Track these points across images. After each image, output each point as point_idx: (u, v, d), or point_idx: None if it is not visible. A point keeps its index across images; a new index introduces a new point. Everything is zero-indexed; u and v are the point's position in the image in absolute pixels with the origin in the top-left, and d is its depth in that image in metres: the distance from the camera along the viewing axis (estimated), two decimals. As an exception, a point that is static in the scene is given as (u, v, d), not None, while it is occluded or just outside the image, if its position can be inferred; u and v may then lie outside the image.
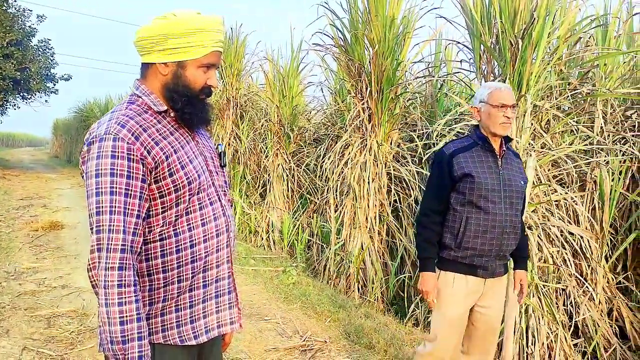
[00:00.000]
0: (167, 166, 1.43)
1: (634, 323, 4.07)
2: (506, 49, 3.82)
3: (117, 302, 1.32)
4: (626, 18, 4.34)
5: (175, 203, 1.46)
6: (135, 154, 1.38)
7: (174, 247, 1.46)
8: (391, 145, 5.33)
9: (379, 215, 5.24)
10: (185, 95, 1.49)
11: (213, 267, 1.54)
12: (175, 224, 1.46)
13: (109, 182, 1.35)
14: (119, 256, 1.34)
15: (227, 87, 8.74)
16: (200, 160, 1.55)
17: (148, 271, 1.46)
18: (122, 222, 1.35)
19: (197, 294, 1.52)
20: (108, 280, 1.33)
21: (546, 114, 4.05)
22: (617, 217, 4.25)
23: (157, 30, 1.46)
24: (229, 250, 1.60)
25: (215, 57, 1.51)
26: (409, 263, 5.16)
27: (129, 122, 1.42)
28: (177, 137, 1.51)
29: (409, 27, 5.20)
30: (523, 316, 3.54)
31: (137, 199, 1.38)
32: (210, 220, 1.52)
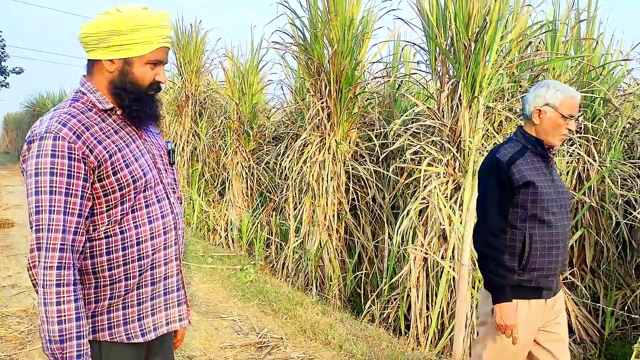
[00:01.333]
0: (110, 165, 1.41)
1: (579, 317, 4.25)
2: (460, 51, 3.92)
3: (55, 301, 1.31)
4: (574, 24, 4.51)
5: (121, 201, 1.45)
6: (77, 152, 1.36)
7: (119, 245, 1.45)
8: (350, 144, 5.39)
9: (338, 213, 5.30)
10: (133, 92, 1.47)
11: (161, 264, 1.54)
12: (121, 222, 1.45)
13: (49, 181, 1.33)
14: (57, 255, 1.32)
15: (186, 84, 8.64)
16: (148, 158, 1.54)
17: (93, 269, 1.44)
18: (61, 221, 1.33)
19: (145, 292, 1.52)
20: (47, 279, 1.32)
21: (498, 115, 4.17)
22: (564, 215, 4.42)
23: (101, 27, 1.44)
24: (177, 247, 1.59)
25: (162, 53, 1.50)
26: (366, 260, 5.24)
27: (71, 120, 1.40)
28: (123, 136, 1.49)
29: (368, 27, 5.27)
30: (474, 311, 3.64)
31: (78, 197, 1.36)
32: (158, 218, 1.52)
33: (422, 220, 4.06)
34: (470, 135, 3.89)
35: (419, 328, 3.88)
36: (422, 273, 3.97)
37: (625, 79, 5.03)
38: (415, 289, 3.95)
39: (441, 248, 3.89)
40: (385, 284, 4.39)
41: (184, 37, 8.69)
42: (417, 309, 3.91)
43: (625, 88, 5.04)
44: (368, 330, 3.90)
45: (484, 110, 3.92)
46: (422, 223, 4.05)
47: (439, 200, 3.82)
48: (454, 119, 4.03)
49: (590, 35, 4.52)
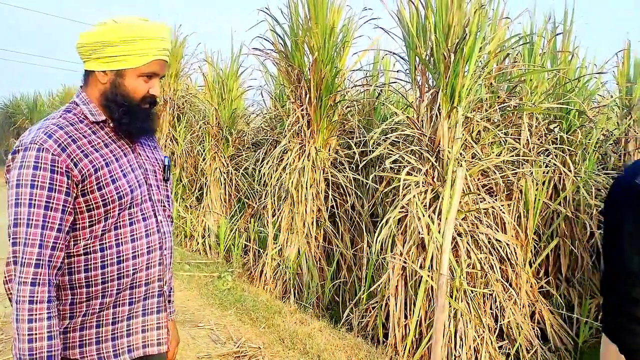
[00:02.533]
0: (95, 180, 1.37)
1: (554, 325, 4.30)
2: (440, 61, 3.95)
3: (27, 319, 1.26)
4: (550, 37, 4.60)
5: (104, 217, 1.40)
6: (60, 165, 1.32)
7: (99, 263, 1.40)
8: (329, 152, 5.39)
9: (316, 220, 5.28)
10: (123, 105, 1.43)
11: (142, 284, 1.48)
12: (102, 238, 1.40)
13: (29, 193, 1.30)
14: (32, 271, 1.28)
15: (164, 88, 8.56)
16: (138, 174, 1.49)
17: (70, 284, 1.39)
18: (39, 236, 1.29)
19: (122, 311, 1.46)
20: (20, 295, 1.27)
21: (477, 125, 4.22)
22: (540, 224, 4.49)
23: (95, 37, 1.41)
24: (162, 268, 1.54)
25: (157, 66, 1.46)
26: (345, 268, 5.23)
27: (57, 132, 1.36)
28: (113, 150, 1.45)
29: (349, 36, 5.29)
30: (452, 320, 3.66)
31: (58, 212, 1.32)
32: (142, 236, 1.46)
33: (401, 229, 4.07)
34: (449, 145, 3.92)
35: (397, 337, 3.88)
36: (401, 282, 3.98)
37: (599, 91, 5.13)
38: (394, 297, 3.95)
39: (420, 257, 3.90)
40: (363, 292, 4.38)
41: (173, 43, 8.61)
42: (396, 318, 3.92)
43: (599, 100, 5.15)
44: (346, 339, 3.89)
45: (462, 120, 3.96)
46: (401, 232, 4.06)
47: (418, 209, 3.84)
48: (433, 129, 4.06)
49: (566, 48, 4.60)
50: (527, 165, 4.31)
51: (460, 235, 3.84)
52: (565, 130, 4.58)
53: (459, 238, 3.81)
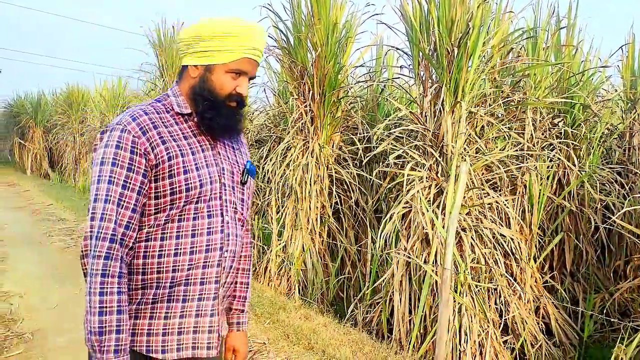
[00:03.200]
0: (167, 167, 1.39)
1: (558, 320, 4.30)
2: (443, 56, 3.94)
3: (99, 292, 1.29)
4: (554, 31, 4.58)
5: (170, 207, 1.41)
6: (139, 147, 1.37)
7: (156, 251, 1.41)
8: (333, 148, 5.39)
9: (320, 217, 5.29)
10: (208, 99, 1.45)
11: (197, 283, 1.45)
12: (164, 227, 1.41)
13: (109, 171, 1.34)
14: (107, 245, 1.31)
15: (168, 86, 8.56)
16: (213, 170, 1.48)
17: (129, 269, 1.41)
18: (114, 213, 1.33)
19: (175, 307, 1.44)
20: (93, 268, 1.30)
21: (480, 120, 4.21)
22: (544, 219, 4.48)
23: (191, 32, 1.45)
24: (220, 270, 1.49)
25: (246, 65, 1.46)
26: (349, 264, 5.23)
27: (142, 117, 1.41)
28: (191, 143, 1.47)
29: (351, 31, 5.28)
30: (456, 315, 3.66)
31: (134, 192, 1.36)
32: (203, 233, 1.45)
33: (405, 224, 4.07)
34: (452, 140, 3.92)
35: (401, 332, 3.89)
36: (405, 277, 3.98)
37: (604, 85, 5.12)
38: (398, 293, 3.96)
39: (424, 252, 3.90)
40: (368, 287, 4.39)
41: (165, 38, 8.63)
42: (400, 313, 3.92)
43: (603, 94, 5.13)
44: (351, 334, 3.90)
45: (466, 115, 3.95)
46: (405, 227, 4.06)
47: (422, 205, 3.84)
48: (437, 124, 4.05)
49: (570, 42, 4.59)
50: (531, 159, 4.30)
51: (464, 230, 3.84)
52: (570, 124, 4.57)
53: (463, 233, 3.81)
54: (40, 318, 4.14)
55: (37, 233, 7.64)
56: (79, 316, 4.22)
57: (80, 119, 14.46)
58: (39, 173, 17.93)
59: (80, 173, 13.51)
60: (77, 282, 5.19)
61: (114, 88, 12.22)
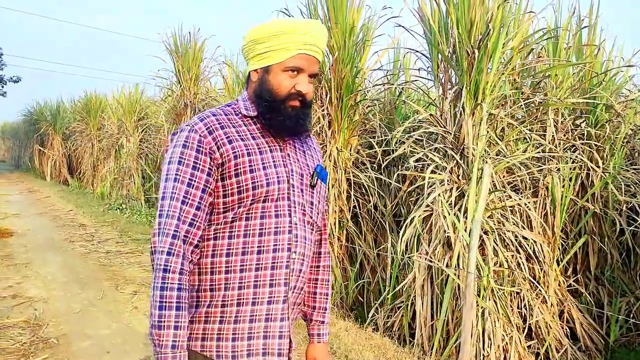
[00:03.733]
0: (233, 166, 1.40)
1: (583, 324, 4.23)
2: (463, 58, 3.91)
3: (160, 286, 1.31)
4: (575, 31, 4.52)
5: (237, 205, 1.41)
6: (205, 147, 1.39)
7: (225, 249, 1.41)
8: (351, 152, 5.37)
9: (339, 221, 5.27)
10: (267, 100, 1.45)
11: (265, 285, 1.42)
12: (232, 226, 1.41)
13: (175, 169, 1.37)
14: (169, 241, 1.33)
15: (185, 92, 8.63)
16: (280, 171, 1.46)
17: (198, 269, 1.42)
18: (178, 210, 1.35)
19: (244, 311, 1.41)
20: (157, 263, 1.32)
21: (501, 122, 4.17)
22: (567, 222, 4.41)
23: (249, 37, 1.47)
24: (289, 272, 1.45)
25: (302, 60, 1.44)
26: (368, 268, 5.20)
27: (209, 117, 1.44)
28: (259, 143, 1.47)
29: (369, 35, 5.26)
30: (479, 319, 3.62)
31: (199, 190, 1.37)
32: (270, 232, 1.43)
33: (426, 228, 4.04)
34: (473, 142, 3.88)
35: (424, 336, 3.85)
36: (427, 281, 3.94)
37: (627, 85, 5.03)
38: (420, 297, 3.92)
39: (446, 256, 3.86)
40: (388, 292, 4.35)
41: (182, 45, 8.70)
42: (422, 317, 3.88)
43: (627, 94, 5.04)
44: (373, 339, 3.87)
45: (487, 117, 3.91)
46: (426, 231, 4.03)
47: (443, 208, 3.80)
48: (457, 126, 4.02)
49: (592, 42, 4.52)
50: (553, 161, 4.24)
51: (486, 233, 3.79)
52: (592, 125, 4.50)
53: (485, 236, 3.76)
54: (65, 323, 4.17)
55: (59, 239, 7.73)
56: (102, 321, 4.25)
57: (98, 125, 14.62)
58: (58, 179, 18.16)
59: (98, 179, 13.65)
60: (98, 286, 5.23)
61: (131, 94, 12.34)
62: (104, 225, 8.98)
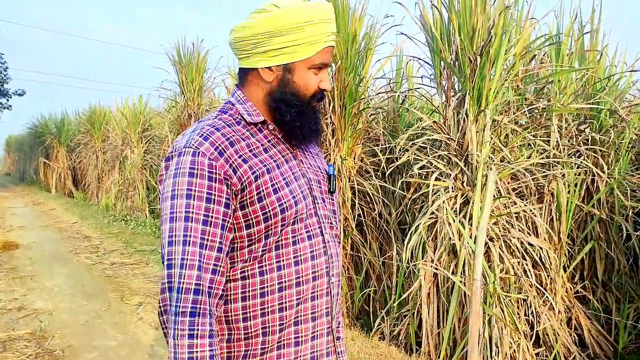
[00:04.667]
0: (255, 189, 1.17)
1: (591, 331, 4.19)
2: (465, 65, 3.92)
3: (187, 358, 1.07)
4: (577, 36, 4.52)
5: (265, 235, 1.19)
6: (218, 172, 1.14)
7: (257, 290, 1.19)
8: (355, 160, 5.37)
9: (344, 229, 5.26)
10: (295, 105, 1.23)
11: (307, 319, 1.24)
12: (261, 260, 1.19)
13: (185, 205, 1.11)
14: (191, 298, 1.08)
15: (189, 103, 8.66)
16: (302, 183, 1.27)
17: (226, 317, 1.20)
18: (197, 256, 1.10)
19: (287, 353, 1.22)
20: (178, 327, 1.07)
21: (505, 128, 4.16)
22: (573, 228, 4.39)
23: (258, 28, 1.20)
24: (329, 299, 1.28)
25: (328, 55, 1.25)
26: (374, 277, 5.18)
27: (214, 134, 1.18)
28: (273, 155, 1.24)
29: (371, 43, 5.28)
30: (486, 327, 3.59)
31: (218, 227, 1.13)
32: (307, 259, 1.23)
33: (431, 235, 4.02)
34: (477, 149, 3.88)
35: (430, 345, 3.83)
36: (433, 289, 3.93)
37: (631, 90, 5.02)
38: (426, 305, 3.90)
39: (451, 263, 3.84)
40: (394, 300, 4.33)
41: (185, 56, 8.75)
42: (429, 326, 3.86)
43: (631, 99, 5.03)
44: (380, 348, 3.85)
45: (490, 124, 3.91)
46: (431, 238, 4.01)
47: (448, 215, 3.79)
48: (461, 133, 4.02)
49: (595, 47, 4.52)
50: (557, 167, 4.23)
51: (492, 240, 3.78)
52: (597, 130, 4.48)
53: (490, 243, 3.75)
54: (70, 335, 4.17)
55: (64, 251, 7.74)
56: (108, 333, 4.24)
57: (103, 137, 14.69)
58: (63, 192, 18.22)
59: (103, 191, 13.68)
60: (104, 298, 5.23)
61: (135, 106, 12.40)
62: (109, 236, 8.99)
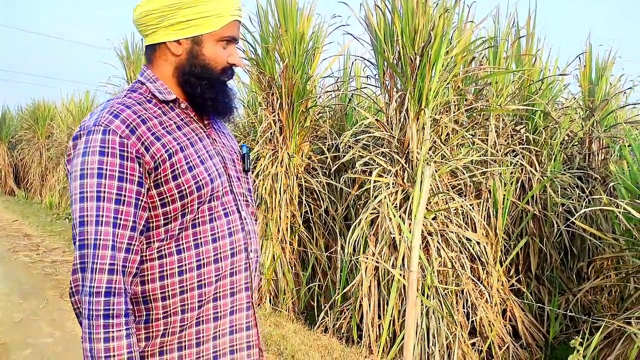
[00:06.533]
0: (169, 166, 1.16)
1: (525, 322, 4.38)
2: (407, 65, 4.03)
3: (103, 338, 1.06)
4: (514, 40, 4.72)
5: (181, 213, 1.18)
6: (130, 150, 1.12)
7: (175, 268, 1.18)
8: (302, 157, 5.42)
9: (291, 226, 5.30)
10: (205, 77, 1.23)
11: (227, 295, 1.25)
12: (178, 238, 1.19)
13: (96, 184, 1.09)
14: (106, 278, 1.07)
15: (137, 99, 8.50)
16: (216, 161, 1.27)
17: (144, 297, 1.18)
18: (110, 235, 1.08)
19: (206, 329, 1.23)
20: (92, 308, 1.06)
21: (445, 127, 4.31)
22: (509, 223, 4.58)
23: (159, 2, 1.20)
24: (248, 274, 1.30)
25: (235, 29, 1.27)
26: (320, 272, 5.25)
27: (125, 111, 1.16)
28: (187, 133, 1.24)
29: (318, 42, 5.35)
30: (424, 318, 3.71)
31: (131, 206, 1.12)
32: (224, 235, 1.24)
33: (372, 230, 4.12)
34: (418, 147, 4.00)
35: (371, 337, 3.91)
36: (374, 282, 4.02)
37: (563, 93, 5.28)
38: (367, 298, 3.99)
39: (392, 257, 3.95)
40: (338, 294, 4.41)
41: (135, 52, 8.59)
42: (369, 318, 3.95)
43: (563, 102, 5.30)
44: (321, 340, 3.91)
45: (430, 122, 4.04)
46: (373, 233, 4.11)
47: (389, 210, 3.89)
48: (402, 131, 4.13)
49: (530, 51, 4.74)
50: (494, 165, 4.40)
51: (430, 235, 3.90)
52: (531, 131, 4.70)
53: (429, 237, 3.87)
54: (4, 333, 4.04)
55: (1, 249, 7.45)
56: (44, 330, 4.14)
57: (47, 134, 14.20)
58: (3, 190, 17.48)
59: (47, 189, 13.24)
60: (42, 296, 5.08)
61: (81, 102, 12.07)
62: (52, 235, 8.72)
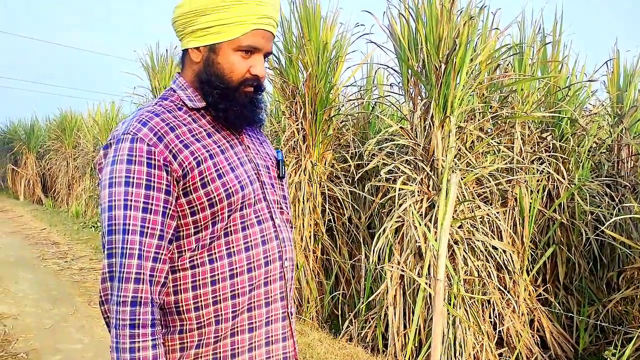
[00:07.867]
0: (198, 174, 1.14)
1: (553, 333, 4.31)
2: (431, 73, 4.02)
3: (129, 347, 1.05)
4: (539, 47, 4.68)
5: (212, 222, 1.17)
6: (157, 158, 1.11)
7: (208, 278, 1.16)
8: (325, 166, 5.43)
9: (314, 234, 5.30)
10: (218, 87, 1.20)
11: (261, 305, 1.23)
12: (210, 247, 1.17)
13: (123, 193, 1.08)
14: (132, 287, 1.06)
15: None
16: (248, 168, 1.24)
17: (177, 308, 1.17)
18: (137, 244, 1.07)
19: (241, 340, 1.20)
20: (119, 317, 1.06)
21: (470, 135, 4.28)
22: (536, 232, 4.51)
23: (186, 7, 1.19)
24: (283, 284, 1.27)
25: (259, 39, 1.20)
26: (343, 281, 5.23)
27: (153, 119, 1.15)
28: (217, 140, 1.22)
29: (341, 51, 5.37)
30: (450, 327, 3.67)
31: (158, 215, 1.11)
32: (257, 244, 1.21)
33: (397, 238, 4.10)
34: (443, 154, 3.98)
35: (396, 346, 3.88)
36: (399, 291, 3.99)
37: (590, 100, 5.21)
38: (393, 307, 3.96)
39: (417, 265, 3.92)
40: (362, 303, 4.39)
41: (159, 62, 8.73)
42: (395, 327, 3.92)
43: (590, 109, 5.22)
44: (346, 349, 3.89)
45: (455, 130, 4.02)
46: (398, 241, 4.09)
47: (414, 218, 3.87)
48: (427, 139, 4.12)
49: (556, 58, 4.69)
50: (520, 173, 4.35)
51: (456, 243, 3.87)
52: (558, 138, 4.63)
53: (455, 246, 3.84)
54: (35, 338, 4.11)
55: (31, 257, 7.60)
56: (73, 336, 4.20)
57: (74, 144, 14.48)
58: (32, 199, 17.85)
59: (73, 198, 13.48)
60: (71, 302, 5.16)
61: (107, 112, 12.28)
62: (79, 243, 8.86)
